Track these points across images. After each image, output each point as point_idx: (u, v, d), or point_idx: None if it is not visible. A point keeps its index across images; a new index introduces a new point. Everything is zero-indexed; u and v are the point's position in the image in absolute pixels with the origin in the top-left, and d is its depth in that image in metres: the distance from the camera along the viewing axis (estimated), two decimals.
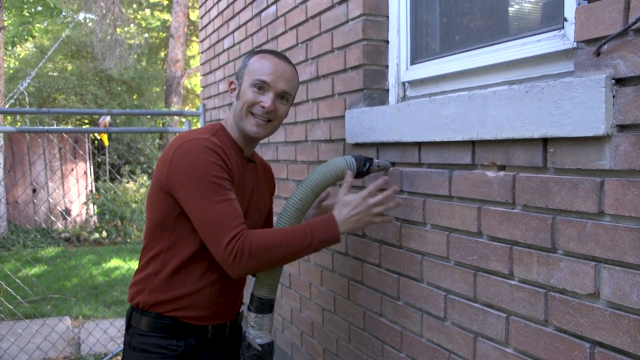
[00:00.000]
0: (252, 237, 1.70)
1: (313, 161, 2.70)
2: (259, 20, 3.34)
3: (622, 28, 1.18)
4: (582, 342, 1.31)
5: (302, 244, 1.74)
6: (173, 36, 14.47)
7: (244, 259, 1.68)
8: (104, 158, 11.16)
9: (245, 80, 1.88)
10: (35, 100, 14.12)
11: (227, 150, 1.84)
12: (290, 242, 1.73)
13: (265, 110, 1.85)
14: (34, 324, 4.99)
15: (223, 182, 1.74)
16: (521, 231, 1.48)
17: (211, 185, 1.71)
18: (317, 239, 1.76)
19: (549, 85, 1.34)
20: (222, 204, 1.71)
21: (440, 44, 2.08)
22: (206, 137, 1.80)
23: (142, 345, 1.87)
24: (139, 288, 1.91)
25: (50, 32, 16.88)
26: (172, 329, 1.86)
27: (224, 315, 1.96)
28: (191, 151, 1.75)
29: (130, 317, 1.93)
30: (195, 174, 1.72)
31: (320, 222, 1.79)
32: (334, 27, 2.43)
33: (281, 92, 1.87)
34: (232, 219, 1.71)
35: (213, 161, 1.74)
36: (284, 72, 1.88)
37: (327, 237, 1.78)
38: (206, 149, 1.75)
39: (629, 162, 1.19)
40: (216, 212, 1.70)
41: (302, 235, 1.75)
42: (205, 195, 1.71)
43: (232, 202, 1.74)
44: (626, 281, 1.20)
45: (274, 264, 1.77)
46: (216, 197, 1.71)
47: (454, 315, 1.75)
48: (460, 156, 1.70)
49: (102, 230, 9.70)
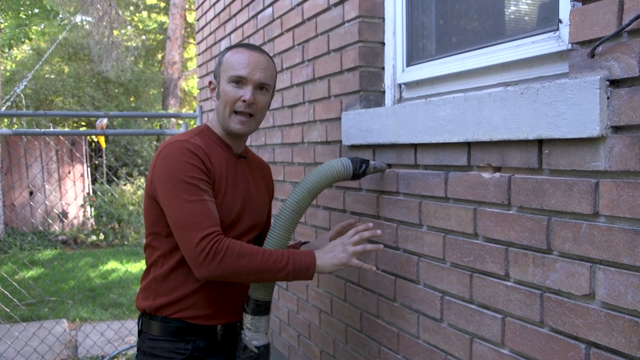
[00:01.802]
0: (229, 242, 1.71)
1: (310, 163, 2.70)
2: (255, 22, 3.35)
3: (616, 30, 1.19)
4: (577, 343, 1.32)
5: (276, 265, 1.72)
6: (170, 38, 14.46)
7: (215, 261, 1.68)
8: (101, 160, 11.15)
9: (223, 78, 1.89)
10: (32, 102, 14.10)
11: (210, 150, 1.86)
12: (265, 259, 1.72)
13: (247, 103, 1.85)
14: (30, 327, 4.97)
15: (198, 182, 1.75)
16: (517, 232, 1.48)
17: (185, 186, 1.73)
18: (291, 265, 1.73)
19: (544, 86, 1.35)
20: (194, 204, 1.72)
21: (436, 45, 2.09)
22: (186, 139, 1.82)
23: (151, 349, 1.90)
24: (145, 295, 1.94)
25: (47, 35, 16.86)
26: (180, 331, 1.87)
27: (232, 312, 1.95)
28: (170, 154, 1.78)
29: (141, 323, 1.96)
30: (171, 176, 1.75)
31: (301, 253, 1.78)
32: (330, 29, 2.44)
33: (259, 83, 1.87)
34: (205, 219, 1.71)
35: (189, 162, 1.76)
36: (259, 62, 1.88)
37: (302, 267, 1.75)
38: (184, 151, 1.77)
39: (623, 163, 1.19)
40: (188, 212, 1.71)
41: (280, 257, 1.73)
42: (178, 194, 1.73)
43: (206, 203, 1.74)
44: (621, 282, 1.21)
45: (243, 276, 1.73)
46: (189, 196, 1.73)
47: (450, 317, 1.75)
48: (456, 158, 1.70)
49: (99, 233, 9.68)
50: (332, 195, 2.49)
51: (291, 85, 2.87)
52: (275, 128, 3.11)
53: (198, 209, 1.72)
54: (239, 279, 1.75)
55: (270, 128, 3.17)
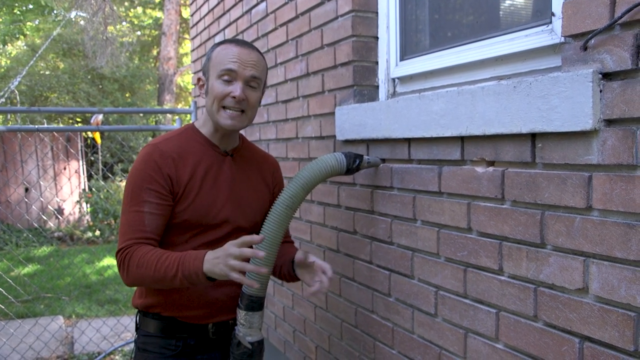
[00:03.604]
0: (133, 252, 1.72)
1: (304, 158, 2.69)
2: (249, 17, 3.33)
3: (609, 22, 1.18)
4: (571, 337, 1.31)
5: (168, 274, 1.67)
6: (165, 34, 14.41)
7: (124, 272, 1.74)
8: (97, 157, 11.11)
9: (212, 74, 1.84)
10: (27, 99, 14.04)
11: (184, 152, 1.85)
12: (157, 269, 1.68)
13: (237, 99, 1.80)
14: (26, 324, 4.96)
15: (145, 192, 1.77)
16: (510, 227, 1.48)
17: (132, 195, 1.78)
18: (180, 273, 1.66)
19: (537, 80, 1.34)
20: (131, 214, 1.76)
21: (430, 39, 2.08)
22: (156, 143, 1.85)
23: (144, 345, 1.92)
24: (139, 292, 1.97)
25: (41, 31, 16.77)
26: (171, 329, 1.89)
27: (223, 312, 1.94)
28: (137, 158, 1.83)
29: (137, 319, 1.99)
30: (129, 181, 1.82)
31: (191, 258, 1.67)
32: (324, 24, 2.43)
33: (249, 78, 1.82)
34: (131, 231, 1.75)
35: (146, 170, 1.79)
36: (249, 57, 1.83)
37: (192, 273, 1.65)
38: (147, 157, 1.81)
39: (616, 156, 1.19)
40: (125, 220, 1.78)
41: (171, 265, 1.67)
42: (125, 202, 1.79)
43: (142, 214, 1.76)
44: (614, 276, 1.20)
45: (150, 284, 1.74)
46: (130, 207, 1.78)
47: (445, 312, 1.75)
48: (450, 152, 1.70)
49: (95, 229, 9.66)
50: (326, 191, 2.48)
51: (285, 80, 2.85)
52: (269, 123, 3.10)
53: (131, 220, 1.76)
54: (151, 285, 1.78)
55: (265, 123, 3.16)
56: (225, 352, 1.97)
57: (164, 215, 1.79)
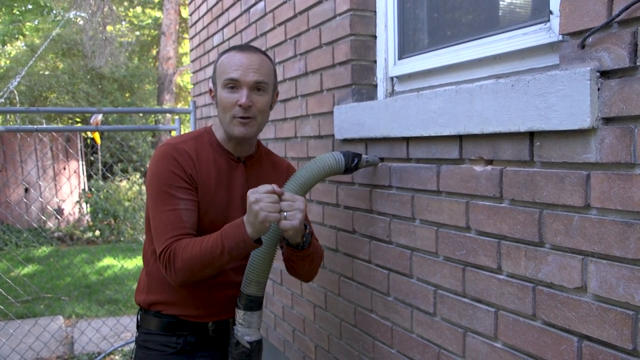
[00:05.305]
0: (177, 244, 1.71)
1: (303, 157, 2.69)
2: (247, 16, 3.33)
3: (606, 20, 1.18)
4: (569, 336, 1.31)
5: (214, 253, 1.65)
6: (164, 34, 14.39)
7: (172, 268, 1.71)
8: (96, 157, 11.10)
9: (219, 84, 1.86)
10: (26, 99, 14.03)
11: (199, 155, 1.85)
12: (203, 252, 1.66)
13: (243, 107, 1.80)
14: (26, 324, 4.96)
15: (176, 191, 1.77)
16: (509, 225, 1.47)
17: (163, 195, 1.77)
18: (227, 246, 1.64)
19: (535, 78, 1.34)
20: (167, 214, 1.75)
21: (428, 38, 2.07)
22: (176, 143, 1.84)
23: (145, 342, 1.94)
24: (140, 288, 1.99)
25: (40, 31, 16.76)
26: (171, 326, 1.91)
27: (224, 311, 1.95)
28: (156, 159, 1.82)
29: (139, 317, 2.00)
30: (153, 181, 1.80)
31: (229, 227, 1.66)
32: (322, 23, 2.42)
33: (253, 83, 1.81)
34: (170, 230, 1.73)
35: (170, 169, 1.78)
36: (251, 62, 1.82)
37: (238, 241, 1.63)
38: (168, 156, 1.80)
39: (614, 155, 1.19)
40: (160, 221, 1.76)
41: (214, 243, 1.65)
42: (156, 203, 1.78)
43: (178, 212, 1.76)
44: (612, 274, 1.20)
45: (198, 269, 1.69)
46: (164, 206, 1.76)
47: (444, 311, 1.74)
48: (448, 151, 1.70)
49: (95, 229, 9.66)
50: (325, 190, 2.48)
51: (284, 79, 2.85)
52: (268, 123, 3.10)
53: (168, 219, 1.75)
54: (201, 273, 1.71)
55: None
56: (224, 350, 1.98)
57: (197, 210, 1.82)
